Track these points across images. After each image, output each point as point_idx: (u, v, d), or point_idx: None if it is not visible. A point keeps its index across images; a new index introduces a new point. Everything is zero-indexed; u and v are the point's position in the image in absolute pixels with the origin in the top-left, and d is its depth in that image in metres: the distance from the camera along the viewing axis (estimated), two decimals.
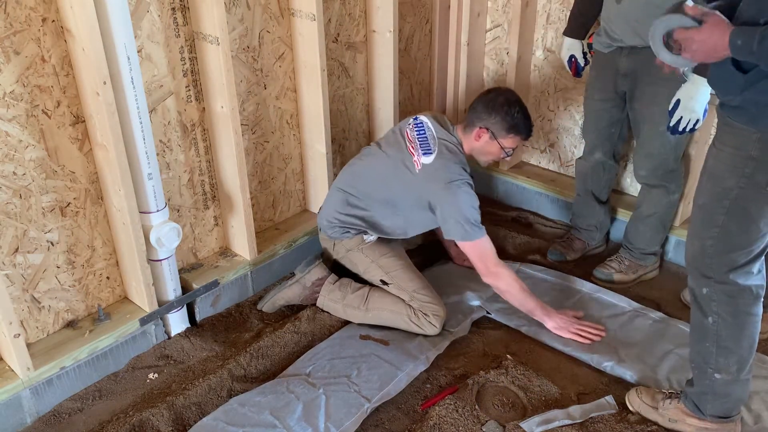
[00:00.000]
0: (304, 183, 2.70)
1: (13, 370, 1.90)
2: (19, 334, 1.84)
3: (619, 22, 2.22)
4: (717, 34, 1.42)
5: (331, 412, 1.93)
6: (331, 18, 2.51)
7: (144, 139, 1.94)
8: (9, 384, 1.87)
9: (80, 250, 2.03)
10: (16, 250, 1.88)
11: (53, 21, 1.76)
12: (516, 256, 2.74)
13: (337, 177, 2.44)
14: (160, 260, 2.13)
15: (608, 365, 2.13)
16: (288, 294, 2.39)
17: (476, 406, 1.96)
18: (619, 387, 2.06)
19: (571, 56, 2.52)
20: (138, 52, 1.93)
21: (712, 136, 2.48)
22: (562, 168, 3.05)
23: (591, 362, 2.15)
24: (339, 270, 2.46)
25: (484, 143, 2.27)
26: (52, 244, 1.96)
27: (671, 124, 2.14)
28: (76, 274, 2.05)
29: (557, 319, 2.24)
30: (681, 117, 2.11)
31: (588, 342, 2.21)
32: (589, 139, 2.58)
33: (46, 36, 1.76)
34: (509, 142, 2.27)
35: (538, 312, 2.24)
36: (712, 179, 1.63)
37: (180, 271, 2.31)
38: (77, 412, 1.98)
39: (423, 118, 2.32)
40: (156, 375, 2.12)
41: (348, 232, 2.35)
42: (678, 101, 2.11)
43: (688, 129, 2.13)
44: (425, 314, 2.23)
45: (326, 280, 2.38)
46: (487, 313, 2.38)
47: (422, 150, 2.24)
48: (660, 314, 2.36)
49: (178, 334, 2.27)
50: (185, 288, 2.28)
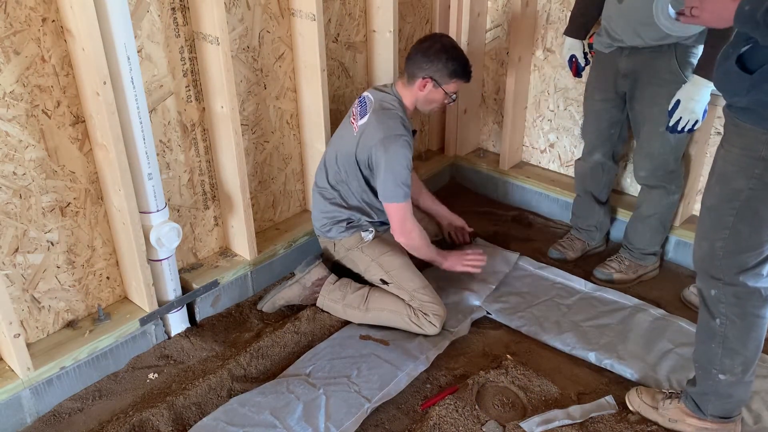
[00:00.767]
0: (304, 183, 2.70)
1: (13, 370, 1.90)
2: (19, 334, 1.84)
3: (620, 22, 2.22)
4: None
5: (331, 412, 1.93)
6: (331, 18, 2.51)
7: (144, 139, 1.94)
8: (9, 384, 1.87)
9: (80, 250, 2.03)
10: (16, 250, 1.88)
11: (53, 21, 1.76)
12: None
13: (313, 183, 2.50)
14: (160, 260, 2.13)
15: (608, 362, 2.14)
16: (288, 294, 2.39)
17: (476, 406, 1.96)
18: (619, 387, 2.06)
19: (572, 56, 2.52)
20: (138, 52, 1.93)
21: (712, 137, 2.50)
22: (562, 168, 3.05)
23: (591, 360, 2.16)
24: (339, 270, 2.46)
25: (428, 92, 2.30)
26: (52, 244, 1.96)
27: (670, 124, 2.14)
28: (76, 274, 2.05)
29: (450, 259, 2.42)
30: (680, 117, 2.12)
31: (477, 270, 2.43)
32: (588, 140, 2.58)
33: (46, 36, 1.76)
34: (452, 87, 2.31)
35: (437, 258, 2.41)
36: (721, 181, 1.61)
37: (180, 271, 2.31)
38: (77, 412, 1.98)
39: (365, 93, 2.38)
40: (156, 375, 2.12)
41: (342, 227, 2.36)
42: (678, 101, 2.12)
43: (686, 129, 2.14)
44: (425, 314, 2.23)
45: (326, 280, 2.38)
46: (487, 313, 2.38)
47: (360, 116, 2.32)
48: (661, 311, 2.36)
49: (178, 334, 2.27)
50: (185, 288, 2.28)
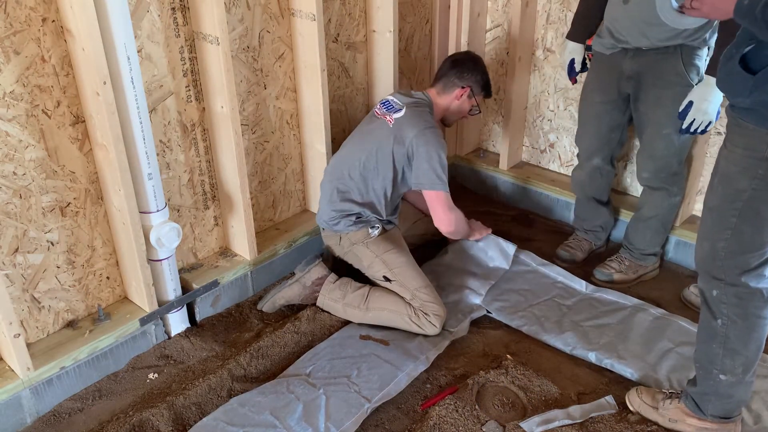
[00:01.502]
0: (304, 183, 2.70)
1: (13, 370, 1.90)
2: (19, 334, 1.84)
3: (626, 23, 2.19)
4: None
5: (331, 412, 1.93)
6: (331, 18, 2.51)
7: (144, 139, 1.94)
8: (9, 384, 1.87)
9: (80, 250, 2.03)
10: (16, 250, 1.88)
11: (53, 21, 1.76)
12: None
13: (321, 182, 2.48)
14: (160, 260, 2.13)
15: (608, 362, 2.14)
16: (288, 293, 2.39)
17: (476, 406, 1.96)
18: (619, 387, 2.06)
19: (572, 60, 2.49)
20: (138, 52, 1.93)
21: (713, 137, 2.50)
22: (563, 168, 3.05)
23: (591, 360, 2.16)
24: (339, 270, 2.46)
25: (462, 102, 2.46)
26: (52, 244, 1.96)
27: (683, 127, 2.11)
28: (76, 274, 2.05)
29: (476, 230, 2.62)
30: (693, 119, 2.09)
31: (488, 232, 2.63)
32: (585, 146, 2.53)
33: (46, 36, 1.76)
34: (479, 99, 2.51)
35: (472, 233, 2.59)
36: (723, 181, 1.61)
37: (180, 271, 2.31)
38: (77, 412, 1.98)
39: (388, 97, 2.47)
40: (156, 375, 2.12)
41: (351, 221, 2.36)
42: (690, 103, 2.08)
43: (699, 131, 2.11)
44: (426, 314, 2.23)
45: (326, 279, 2.38)
46: (488, 312, 2.38)
47: (392, 111, 2.38)
48: (661, 310, 2.36)
49: (178, 334, 2.27)
50: (185, 288, 2.28)
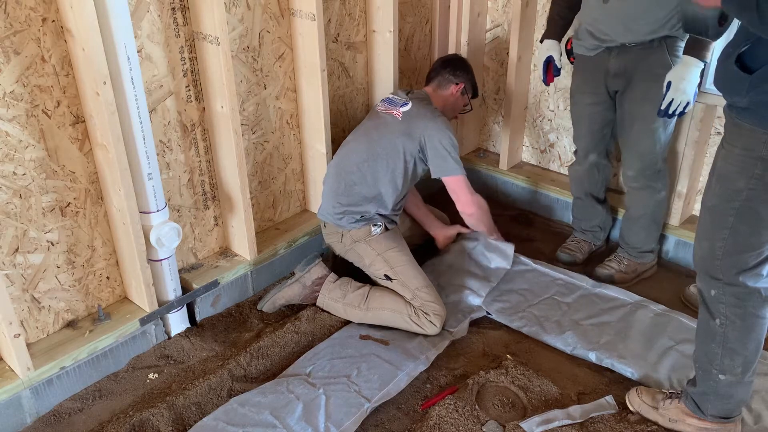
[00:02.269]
0: (304, 183, 2.70)
1: (13, 370, 1.90)
2: (19, 334, 1.84)
3: (609, 22, 2.21)
4: None
5: (331, 412, 1.93)
6: (331, 18, 2.51)
7: (144, 139, 1.94)
8: (9, 384, 1.87)
9: (80, 250, 2.03)
10: (16, 250, 1.88)
11: (53, 21, 1.76)
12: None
13: (325, 177, 2.48)
14: (160, 260, 2.13)
15: (609, 362, 2.14)
16: (288, 293, 2.39)
17: (476, 406, 1.96)
18: (619, 387, 2.06)
19: (548, 59, 2.48)
20: (138, 52, 1.93)
21: (712, 137, 2.50)
22: (562, 168, 3.05)
23: (592, 359, 2.16)
24: (339, 269, 2.46)
25: (456, 98, 2.53)
26: (52, 244, 1.96)
27: (662, 107, 2.12)
28: (76, 274, 2.05)
29: (495, 234, 2.62)
30: (672, 99, 2.10)
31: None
32: (582, 145, 2.56)
33: (46, 36, 1.76)
34: (468, 98, 2.58)
35: (494, 233, 2.60)
36: (721, 180, 1.61)
37: (180, 271, 2.31)
38: (77, 412, 1.98)
39: (389, 95, 2.53)
40: (156, 375, 2.12)
41: (354, 218, 2.36)
42: (669, 83, 2.10)
43: (678, 112, 2.11)
44: (426, 313, 2.23)
45: (326, 279, 2.38)
46: (488, 313, 2.38)
47: (398, 105, 2.43)
48: (661, 306, 2.37)
49: (178, 334, 2.27)
50: (185, 288, 2.28)
